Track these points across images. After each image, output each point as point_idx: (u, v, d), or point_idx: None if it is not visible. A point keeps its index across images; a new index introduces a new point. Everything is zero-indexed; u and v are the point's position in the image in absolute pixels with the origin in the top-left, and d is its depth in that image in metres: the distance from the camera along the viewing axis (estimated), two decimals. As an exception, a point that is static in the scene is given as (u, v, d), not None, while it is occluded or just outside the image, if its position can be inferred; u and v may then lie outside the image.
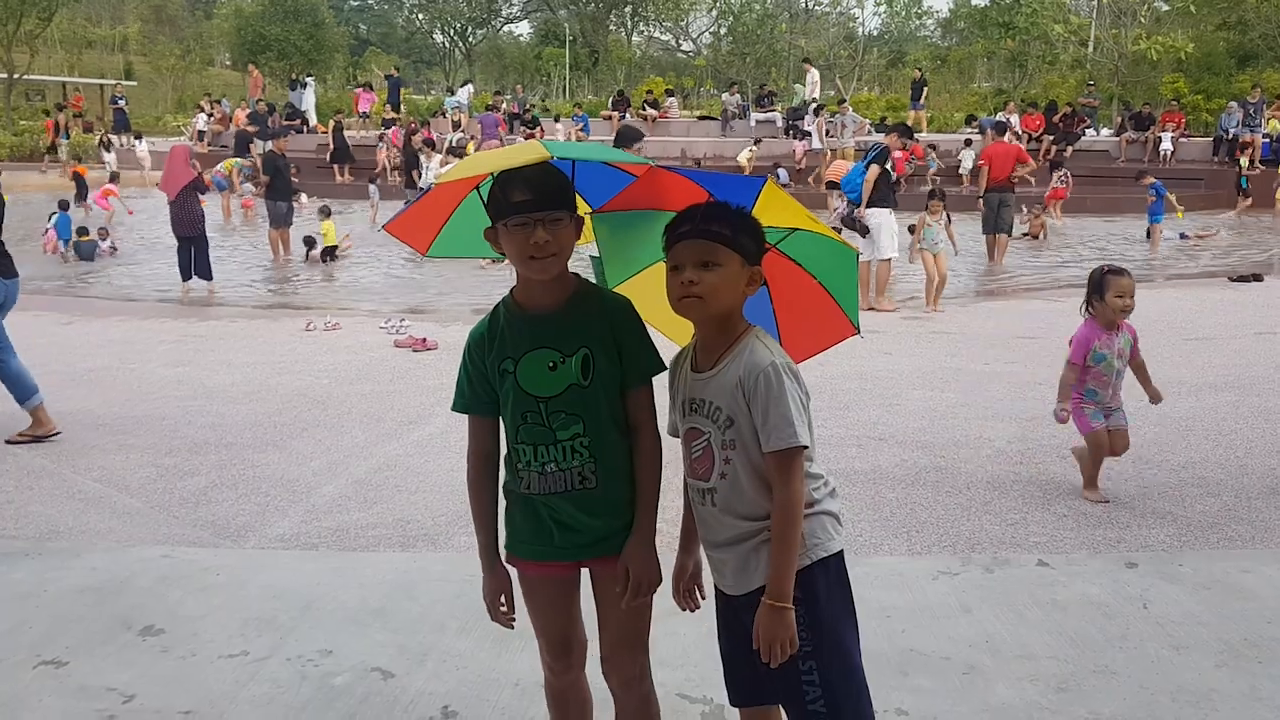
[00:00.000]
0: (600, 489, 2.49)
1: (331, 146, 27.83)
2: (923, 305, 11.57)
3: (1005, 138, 18.36)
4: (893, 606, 4.08)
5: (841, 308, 2.71)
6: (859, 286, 11.51)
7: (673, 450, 2.59)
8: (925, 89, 32.83)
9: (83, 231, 16.12)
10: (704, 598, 2.64)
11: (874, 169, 11.23)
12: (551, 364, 2.44)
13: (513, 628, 2.62)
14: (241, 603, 4.16)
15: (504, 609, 2.60)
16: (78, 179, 22.65)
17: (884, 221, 11.28)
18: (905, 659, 3.68)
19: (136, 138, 32.26)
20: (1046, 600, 4.15)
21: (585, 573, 2.64)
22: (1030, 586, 4.29)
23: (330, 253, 15.79)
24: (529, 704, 3.33)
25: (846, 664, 2.42)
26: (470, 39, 67.98)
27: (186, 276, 13.14)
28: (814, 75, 30.91)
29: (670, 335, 2.75)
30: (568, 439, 2.46)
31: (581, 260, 2.71)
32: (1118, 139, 28.36)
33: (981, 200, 16.00)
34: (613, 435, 2.50)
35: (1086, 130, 28.87)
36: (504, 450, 2.60)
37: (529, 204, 2.33)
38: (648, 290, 2.67)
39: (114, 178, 22.62)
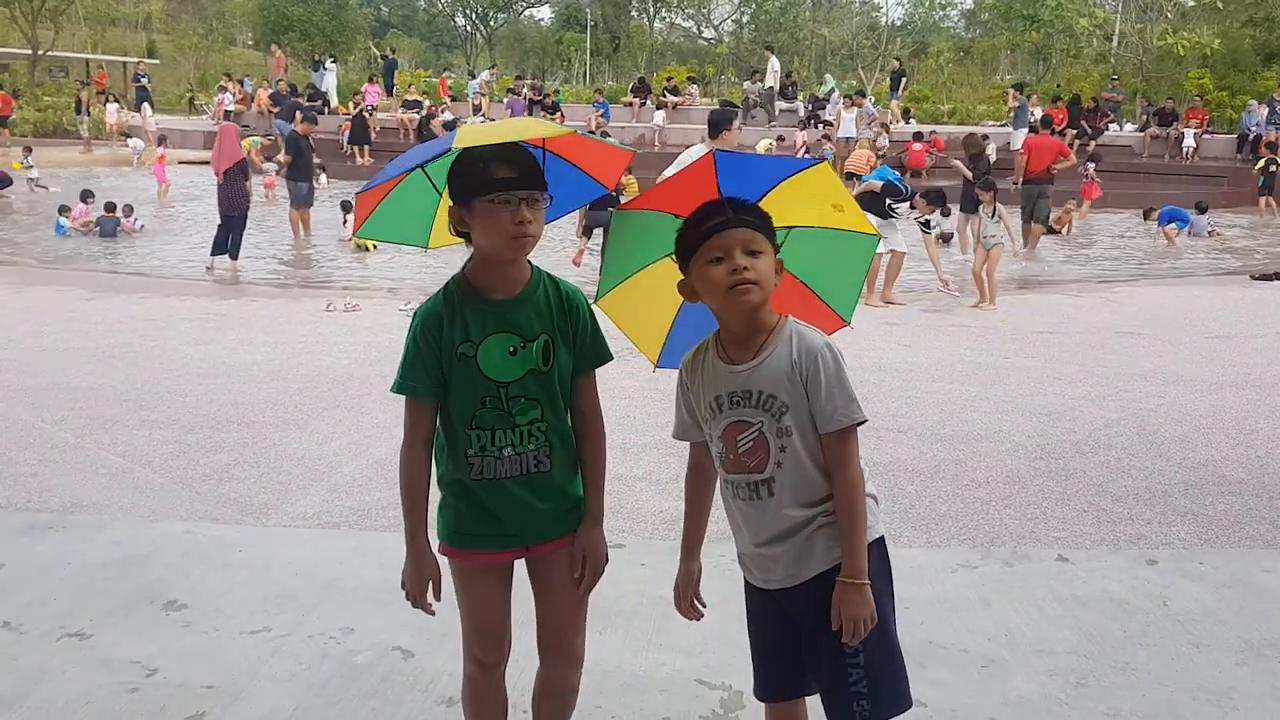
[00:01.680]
0: (554, 473, 2.50)
1: (350, 129, 27.85)
2: (960, 298, 11.50)
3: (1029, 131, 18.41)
4: (912, 599, 4.07)
5: (826, 302, 2.62)
6: (870, 279, 11.37)
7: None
8: (904, 79, 32.48)
9: (109, 207, 16.19)
10: (704, 606, 2.62)
11: (874, 183, 11.28)
12: (512, 349, 2.42)
13: (434, 615, 2.58)
14: (263, 579, 4.19)
15: (430, 598, 2.54)
16: None
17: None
18: (924, 651, 3.68)
19: (144, 102, 32.34)
20: (1066, 595, 4.15)
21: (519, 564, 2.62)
22: (1050, 581, 4.28)
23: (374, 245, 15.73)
24: (549, 686, 3.35)
25: (889, 645, 2.41)
26: (491, 23, 67.88)
27: (217, 253, 13.20)
28: (774, 64, 30.77)
29: (644, 348, 2.71)
30: (526, 424, 2.45)
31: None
32: (1141, 135, 28.16)
33: (1019, 190, 16.08)
34: (565, 420, 2.53)
35: (1109, 125, 28.67)
36: (438, 439, 2.53)
37: (515, 181, 2.31)
38: (628, 300, 2.63)
39: (161, 140, 22.79)
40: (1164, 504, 5.34)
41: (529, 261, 2.51)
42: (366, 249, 15.23)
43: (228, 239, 13.21)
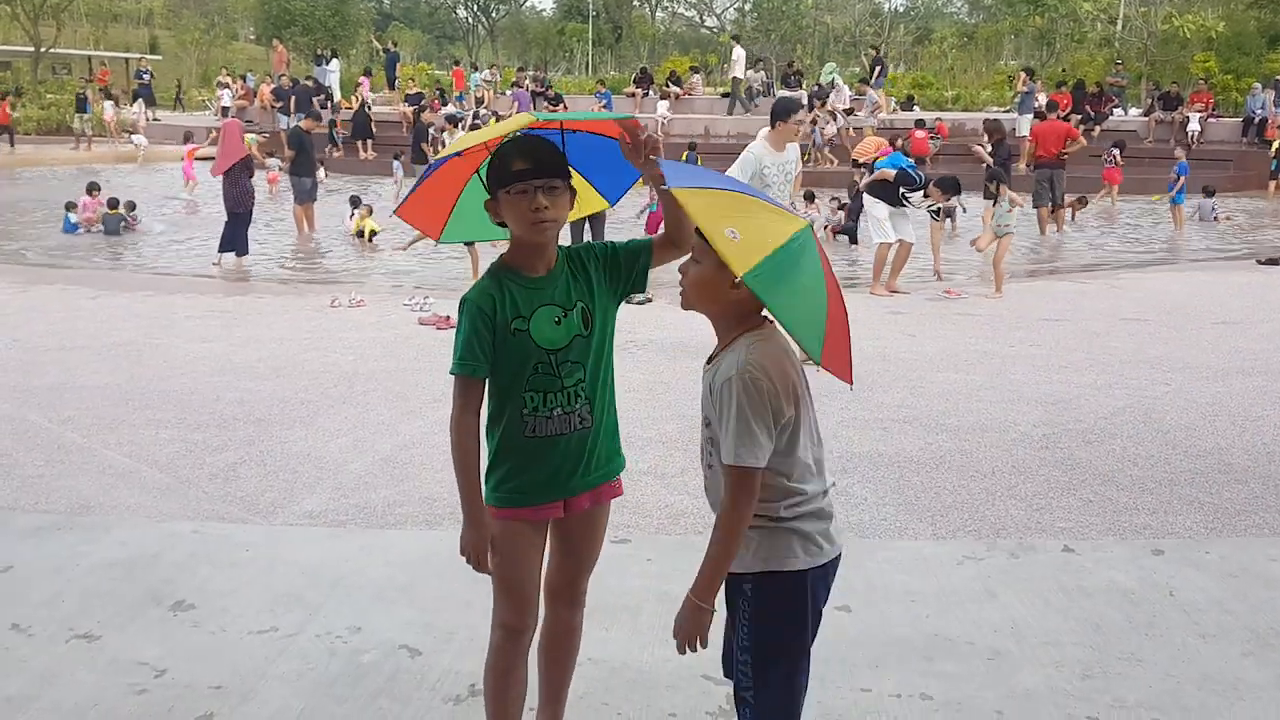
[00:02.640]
0: (594, 427, 2.75)
1: (352, 124, 27.84)
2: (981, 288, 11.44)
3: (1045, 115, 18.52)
4: (917, 591, 4.09)
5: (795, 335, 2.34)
6: (876, 268, 11.38)
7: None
8: (881, 67, 32.04)
9: (113, 204, 16.21)
10: None
11: (887, 171, 11.13)
12: (557, 319, 2.67)
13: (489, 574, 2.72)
14: (270, 579, 4.21)
15: (493, 557, 2.70)
16: None
17: (877, 212, 11.17)
18: (930, 644, 3.68)
19: (135, 99, 32.26)
20: (1072, 586, 4.15)
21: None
22: (1056, 572, 4.29)
23: (372, 234, 15.70)
24: (555, 683, 3.35)
25: (778, 670, 2.47)
26: (493, 14, 67.81)
27: (224, 249, 13.24)
28: (738, 53, 30.69)
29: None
30: (572, 385, 2.69)
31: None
32: (1146, 119, 28.04)
33: (1033, 174, 16.34)
34: (602, 379, 2.76)
35: (1114, 110, 28.55)
36: (489, 406, 2.72)
37: (529, 172, 2.54)
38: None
39: (188, 137, 22.87)
40: (1170, 493, 5.33)
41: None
42: (369, 238, 15.26)
43: (234, 235, 13.24)
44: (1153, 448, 6.01)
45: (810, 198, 16.58)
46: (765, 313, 2.38)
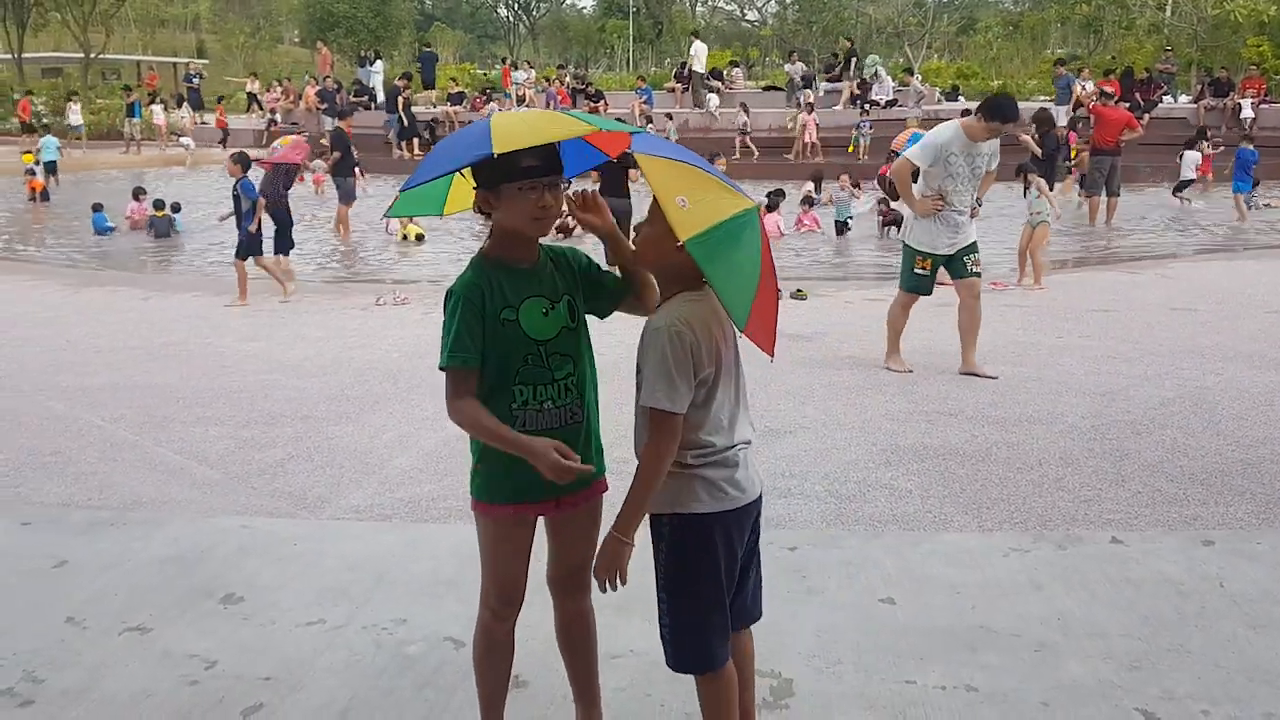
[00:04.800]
0: (585, 422, 2.74)
1: (402, 123, 28.02)
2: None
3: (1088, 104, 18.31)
4: (962, 583, 4.06)
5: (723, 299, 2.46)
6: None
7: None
8: (856, 60, 31.34)
9: (159, 205, 16.47)
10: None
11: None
12: (545, 310, 2.67)
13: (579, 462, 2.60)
14: (318, 572, 4.26)
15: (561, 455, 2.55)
16: None
17: None
18: (975, 636, 3.66)
19: (180, 104, 32.68)
20: (1120, 578, 4.10)
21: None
22: (1103, 564, 4.24)
23: (419, 237, 15.82)
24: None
25: (685, 607, 2.63)
26: (534, 12, 68.04)
27: (274, 250, 13.40)
28: (697, 46, 30.50)
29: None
30: (562, 378, 2.68)
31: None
32: (1195, 106, 27.57)
33: (1090, 162, 16.38)
34: (590, 373, 2.77)
35: (1164, 97, 28.10)
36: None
37: (538, 169, 2.53)
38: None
39: (322, 151, 23.23)
40: (1221, 483, 5.25)
41: None
42: (410, 238, 15.39)
43: (275, 236, 13.38)
44: (1203, 438, 5.92)
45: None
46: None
